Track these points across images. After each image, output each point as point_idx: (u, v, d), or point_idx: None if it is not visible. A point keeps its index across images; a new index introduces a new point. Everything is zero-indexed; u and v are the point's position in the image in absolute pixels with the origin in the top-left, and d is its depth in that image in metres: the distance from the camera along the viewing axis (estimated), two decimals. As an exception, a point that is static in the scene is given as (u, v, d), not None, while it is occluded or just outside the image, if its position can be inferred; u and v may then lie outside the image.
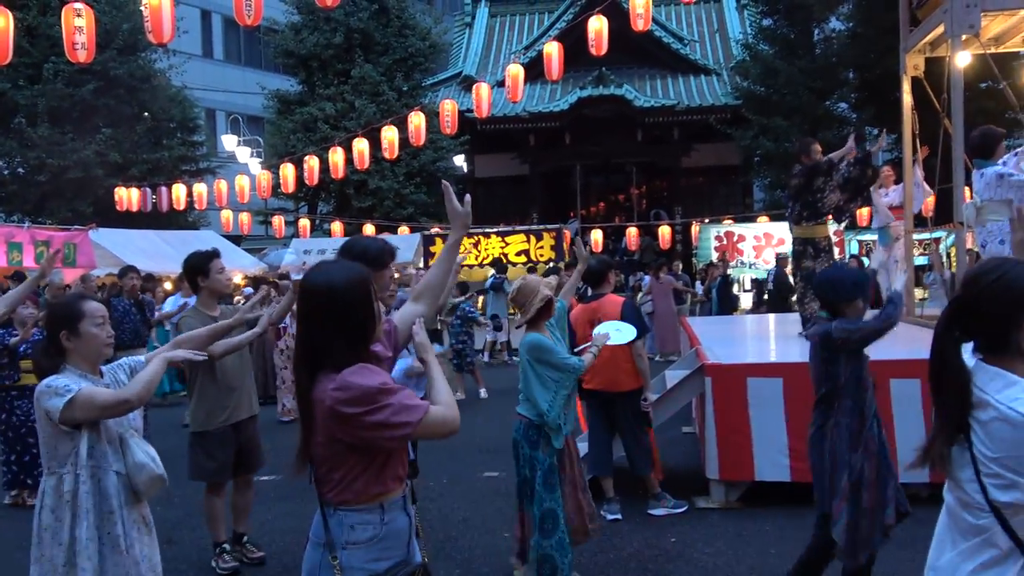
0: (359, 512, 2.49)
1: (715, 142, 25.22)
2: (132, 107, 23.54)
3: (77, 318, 3.42)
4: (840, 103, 23.66)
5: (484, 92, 14.36)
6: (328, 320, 2.45)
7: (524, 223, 23.76)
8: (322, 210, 26.70)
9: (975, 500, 2.13)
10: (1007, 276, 2.17)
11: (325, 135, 23.32)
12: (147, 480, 3.46)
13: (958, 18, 7.69)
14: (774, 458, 6.39)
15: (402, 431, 2.40)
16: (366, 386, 2.37)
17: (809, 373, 4.45)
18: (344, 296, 2.46)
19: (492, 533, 6.15)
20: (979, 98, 17.77)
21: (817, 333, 4.33)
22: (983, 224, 6.91)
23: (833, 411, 4.24)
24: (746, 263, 20.00)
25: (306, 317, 2.51)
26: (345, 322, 2.46)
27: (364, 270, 2.60)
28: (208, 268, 5.42)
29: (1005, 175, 6.77)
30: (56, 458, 3.34)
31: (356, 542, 2.48)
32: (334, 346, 2.44)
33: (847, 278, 4.35)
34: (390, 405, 2.37)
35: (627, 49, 23.90)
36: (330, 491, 2.50)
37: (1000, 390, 2.11)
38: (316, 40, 25.65)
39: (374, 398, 2.37)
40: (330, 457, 2.47)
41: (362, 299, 2.49)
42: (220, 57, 35.00)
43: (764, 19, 24.60)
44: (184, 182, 20.20)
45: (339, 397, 2.37)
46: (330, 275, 2.51)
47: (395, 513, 2.54)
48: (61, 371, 3.39)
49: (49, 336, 3.47)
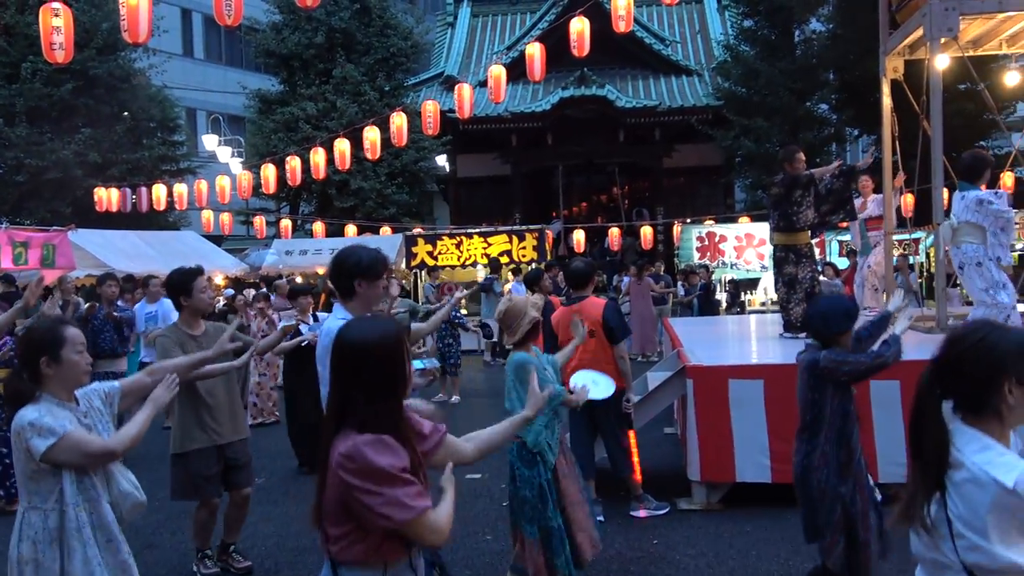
0: (362, 570, 2.48)
1: (697, 143, 25.30)
2: (112, 107, 23.40)
3: (58, 344, 3.34)
4: (821, 104, 23.78)
5: (466, 92, 14.34)
6: (357, 375, 2.45)
7: (506, 223, 23.74)
8: (304, 210, 26.60)
9: (950, 559, 2.14)
10: (988, 339, 2.19)
11: (307, 135, 23.25)
12: (131, 508, 3.45)
13: (937, 21, 7.74)
14: (755, 460, 6.42)
15: (384, 523, 2.37)
16: (372, 463, 2.36)
17: (796, 395, 4.44)
18: (375, 352, 2.46)
19: (474, 536, 6.14)
20: (958, 100, 17.92)
21: (806, 360, 4.31)
22: (958, 245, 6.99)
23: (819, 441, 4.21)
24: (727, 263, 20.06)
25: (336, 370, 2.50)
26: (373, 378, 2.45)
27: (398, 327, 2.60)
28: (191, 287, 5.27)
29: (985, 201, 6.85)
30: (38, 494, 3.27)
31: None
32: (360, 401, 2.44)
33: (838, 311, 4.31)
34: (383, 495, 2.35)
35: (609, 50, 23.93)
36: (334, 546, 2.48)
37: (976, 452, 2.13)
38: (297, 40, 25.55)
39: (375, 479, 2.36)
40: (334, 514, 2.46)
41: (393, 356, 2.48)
42: (201, 56, 34.82)
43: (745, 20, 24.70)
44: (164, 182, 20.10)
45: (343, 463, 2.37)
46: (364, 331, 2.51)
47: (400, 568, 2.53)
48: (38, 399, 3.31)
49: (27, 362, 3.37)
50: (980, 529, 2.07)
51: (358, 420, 2.42)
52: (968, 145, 19.93)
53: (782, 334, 8.54)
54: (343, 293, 3.97)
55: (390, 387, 2.48)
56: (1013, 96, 19.82)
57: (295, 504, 7.26)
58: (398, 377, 2.49)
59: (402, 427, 2.50)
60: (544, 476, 4.65)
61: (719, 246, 20.16)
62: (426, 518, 2.40)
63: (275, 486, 7.98)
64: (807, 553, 5.45)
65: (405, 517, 2.35)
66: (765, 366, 6.87)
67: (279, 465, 8.65)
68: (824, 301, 4.52)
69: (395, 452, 2.41)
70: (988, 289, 6.87)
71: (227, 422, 5.43)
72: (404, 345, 2.54)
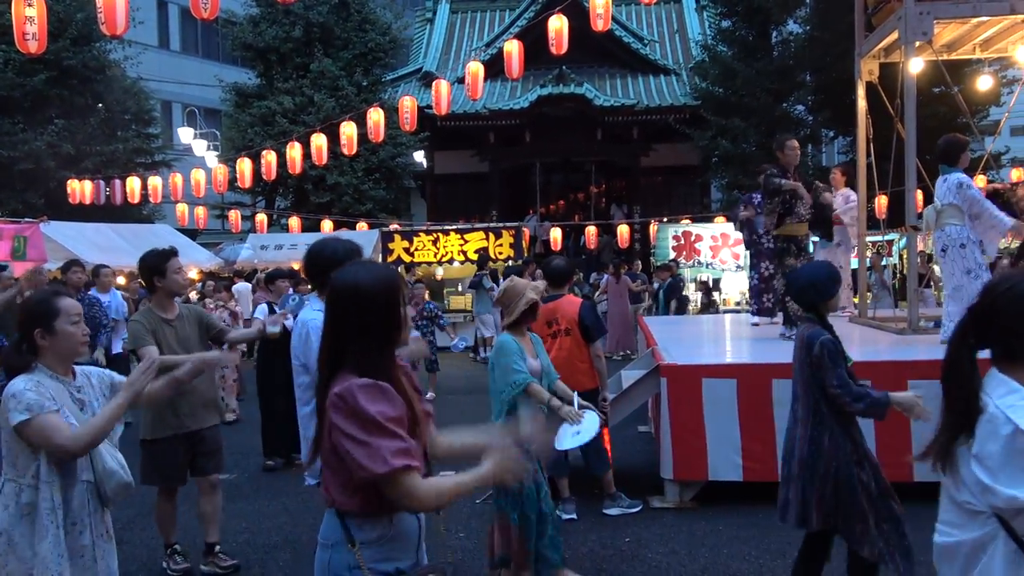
0: (368, 520, 2.43)
1: (674, 142, 25.37)
2: (86, 98, 23.15)
3: (52, 315, 3.30)
4: (797, 105, 23.91)
5: (444, 89, 14.32)
6: (352, 320, 2.40)
7: (484, 221, 23.74)
8: (280, 205, 26.44)
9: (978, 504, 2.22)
10: (1019, 287, 2.26)
11: (283, 129, 23.09)
12: (116, 487, 3.38)
13: (912, 25, 7.81)
14: (728, 458, 6.46)
15: (361, 473, 2.29)
16: (361, 407, 2.29)
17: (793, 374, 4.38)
18: (369, 296, 2.41)
19: (448, 531, 6.14)
20: (932, 103, 18.09)
21: (805, 337, 4.22)
22: (942, 227, 7.03)
23: (827, 425, 4.10)
24: (703, 263, 20.14)
25: (331, 315, 2.45)
26: (369, 323, 2.40)
27: (394, 272, 2.55)
28: (165, 268, 5.20)
29: (964, 184, 6.92)
30: (16, 467, 3.24)
31: (364, 541, 2.43)
32: (356, 346, 2.39)
33: (824, 276, 4.28)
34: (365, 443, 2.28)
35: (587, 48, 23.95)
36: (337, 496, 2.44)
37: (1001, 396, 2.21)
38: (275, 33, 25.39)
39: (360, 424, 2.29)
40: (333, 462, 2.41)
41: (388, 301, 2.43)
42: (177, 48, 34.50)
43: (723, 21, 24.78)
44: (139, 175, 19.90)
45: (335, 401, 2.33)
46: (357, 274, 2.46)
47: (402, 514, 2.47)
48: (32, 370, 3.28)
49: (23, 333, 3.34)
50: (991, 468, 2.15)
51: (353, 364, 2.37)
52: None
53: (783, 334, 8.36)
54: (318, 285, 3.97)
55: (385, 331, 2.43)
56: (986, 100, 20.02)
57: (266, 500, 7.23)
58: (393, 321, 2.44)
59: (397, 375, 2.43)
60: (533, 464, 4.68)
61: (695, 245, 20.22)
62: (405, 477, 2.30)
63: (245, 482, 7.94)
64: (778, 551, 5.49)
65: (380, 471, 2.26)
66: (738, 365, 6.92)
67: (250, 462, 8.60)
68: (805, 271, 4.48)
69: (390, 400, 2.34)
70: (971, 271, 6.90)
71: (200, 408, 5.36)
72: (400, 290, 2.49)
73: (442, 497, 2.39)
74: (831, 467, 4.07)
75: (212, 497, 5.55)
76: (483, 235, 18.65)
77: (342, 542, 2.43)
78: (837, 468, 4.06)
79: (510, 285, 4.92)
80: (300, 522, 6.59)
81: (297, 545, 6.03)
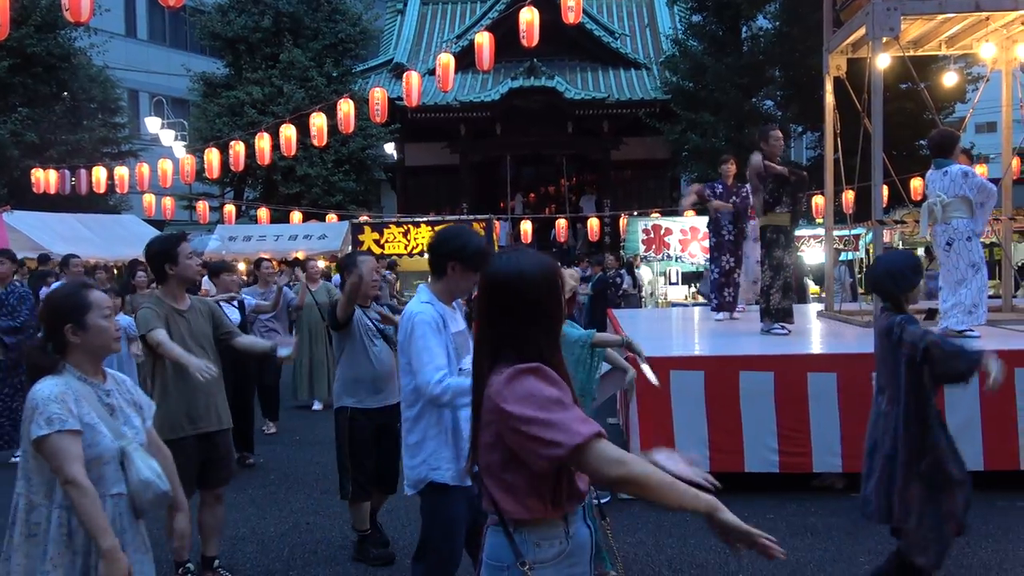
0: (542, 528, 2.27)
1: (644, 136, 25.48)
2: (50, 86, 22.88)
3: (84, 309, 3.02)
4: (766, 100, 24.09)
5: (415, 80, 14.25)
6: (514, 308, 2.30)
7: (454, 213, 23.69)
8: (248, 196, 26.24)
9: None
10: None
11: (252, 120, 22.92)
12: (152, 499, 3.08)
13: (879, 21, 7.88)
14: (696, 450, 6.49)
15: (550, 452, 2.11)
16: (533, 388, 2.17)
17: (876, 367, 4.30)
18: (532, 284, 2.30)
19: (417, 523, 6.12)
20: (899, 99, 18.26)
21: (883, 326, 4.10)
22: (947, 221, 7.08)
23: (910, 420, 4.01)
24: (672, 256, 20.22)
25: (490, 305, 2.34)
26: (532, 311, 2.30)
27: (552, 260, 2.43)
28: (176, 253, 4.75)
29: (969, 173, 7.00)
30: (33, 483, 2.95)
31: (544, 560, 2.25)
32: (518, 334, 2.28)
33: (902, 265, 4.14)
34: (547, 420, 2.13)
35: (558, 41, 23.98)
36: (511, 509, 2.26)
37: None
38: (244, 22, 25.17)
39: (537, 403, 2.15)
40: (498, 461, 2.26)
41: (550, 289, 2.33)
42: (144, 37, 34.10)
43: (693, 15, 24.89)
44: (105, 165, 19.66)
45: (500, 391, 2.20)
46: (519, 263, 2.35)
47: (578, 525, 2.34)
48: (61, 372, 2.99)
49: (50, 331, 3.04)
50: None
51: (514, 351, 2.26)
52: (908, 143, 20.40)
53: (764, 329, 8.29)
54: (435, 271, 3.73)
55: (546, 317, 2.32)
56: (951, 97, 20.27)
57: (233, 492, 7.17)
58: (554, 307, 2.34)
59: (559, 360, 2.32)
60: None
61: (664, 239, 20.30)
62: (600, 444, 2.12)
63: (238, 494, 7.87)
64: (744, 542, 5.54)
65: (576, 441, 2.08)
66: (706, 358, 6.96)
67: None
68: (886, 258, 4.29)
69: (557, 382, 2.22)
70: (975, 264, 6.98)
71: (212, 409, 4.88)
72: (560, 276, 2.39)
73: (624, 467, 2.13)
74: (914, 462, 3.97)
75: (215, 509, 5.05)
76: (454, 227, 18.59)
77: (515, 565, 2.24)
78: (908, 456, 3.97)
79: None
80: (267, 514, 6.56)
81: (264, 537, 6.00)
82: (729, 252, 9.85)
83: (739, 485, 6.54)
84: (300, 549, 5.74)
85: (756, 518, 5.97)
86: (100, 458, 2.97)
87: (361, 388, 5.30)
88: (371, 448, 5.35)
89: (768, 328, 8.18)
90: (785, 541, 5.45)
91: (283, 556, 5.61)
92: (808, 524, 5.86)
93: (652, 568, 5.21)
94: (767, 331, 8.17)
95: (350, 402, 5.32)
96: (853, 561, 5.18)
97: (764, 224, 8.36)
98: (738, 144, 20.73)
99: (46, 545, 2.90)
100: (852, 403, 6.29)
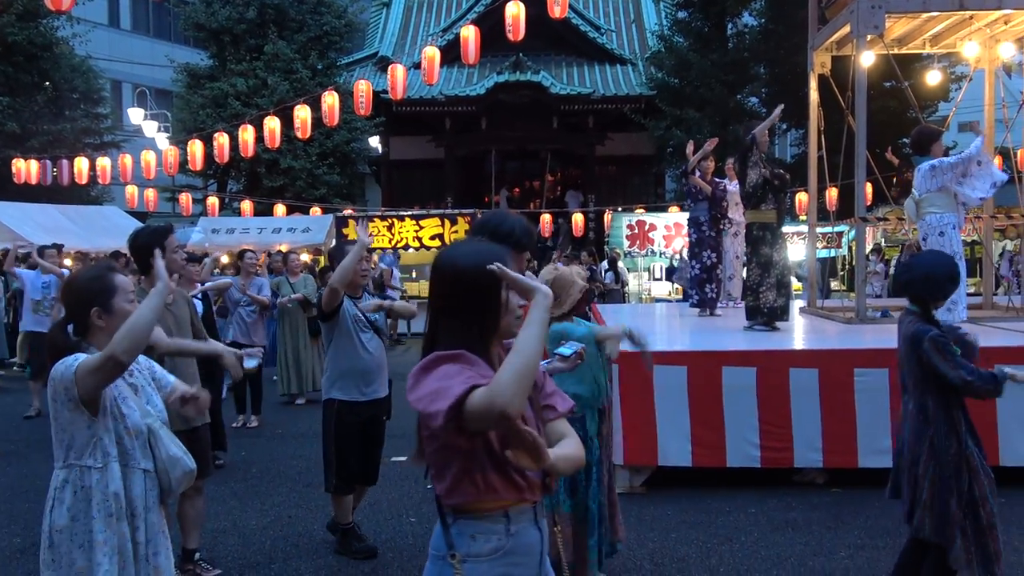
0: (479, 521, 2.19)
1: (629, 132, 25.49)
2: (32, 76, 22.71)
3: (110, 293, 3.04)
4: (751, 97, 24.15)
5: (400, 74, 14.23)
6: (448, 302, 2.24)
7: (439, 207, 23.67)
8: (232, 188, 26.12)
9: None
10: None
11: (236, 112, 22.81)
12: (181, 476, 3.12)
13: (863, 19, 7.92)
14: (678, 444, 6.52)
15: (434, 421, 2.02)
16: (442, 366, 2.10)
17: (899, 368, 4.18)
18: (465, 276, 2.21)
19: (398, 517, 6.13)
20: (882, 97, 18.38)
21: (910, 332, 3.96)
22: (922, 217, 7.14)
23: (930, 424, 3.91)
24: (656, 252, 20.27)
25: (431, 297, 2.29)
26: (465, 307, 2.22)
27: (498, 253, 2.28)
28: (163, 247, 4.62)
29: (936, 165, 7.05)
30: (74, 448, 2.95)
31: (478, 554, 2.18)
32: (449, 330, 2.22)
33: (944, 273, 3.98)
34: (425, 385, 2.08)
35: (544, 36, 23.95)
36: (444, 495, 2.21)
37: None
38: (228, 13, 25.04)
39: (417, 376, 2.11)
40: (432, 454, 2.21)
41: (486, 285, 2.20)
42: (127, 27, 33.84)
43: (679, 12, 24.94)
44: (87, 155, 19.50)
45: (417, 372, 2.14)
46: (456, 254, 2.28)
47: (524, 525, 2.24)
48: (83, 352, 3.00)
49: (73, 313, 3.06)
50: None
51: (445, 341, 2.20)
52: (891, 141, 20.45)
53: (747, 326, 8.27)
54: None
55: (479, 317, 2.22)
56: (935, 95, 20.39)
57: (214, 485, 7.14)
58: (489, 305, 2.22)
59: (491, 355, 2.22)
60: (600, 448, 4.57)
61: (648, 234, 20.35)
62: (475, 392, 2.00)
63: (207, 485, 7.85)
64: (725, 535, 5.57)
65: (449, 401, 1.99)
66: (688, 353, 6.98)
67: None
68: (927, 260, 4.14)
69: (471, 362, 2.12)
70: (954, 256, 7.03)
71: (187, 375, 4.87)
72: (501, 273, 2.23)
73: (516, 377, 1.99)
74: (931, 469, 3.90)
75: (195, 501, 5.02)
76: (438, 221, 18.59)
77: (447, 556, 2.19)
78: (939, 470, 3.89)
79: (558, 274, 4.66)
80: (248, 507, 6.54)
81: (245, 530, 5.98)
82: (710, 248, 9.86)
83: (721, 480, 6.57)
84: (282, 542, 5.72)
85: (738, 512, 6.01)
86: (131, 430, 3.02)
87: (350, 381, 5.29)
88: (357, 443, 5.34)
89: (751, 325, 8.20)
90: (766, 536, 5.52)
91: (264, 549, 5.60)
92: (789, 519, 5.89)
93: (633, 562, 5.21)
94: (750, 328, 8.20)
95: (338, 395, 5.30)
96: (834, 555, 5.21)
97: (751, 221, 8.35)
98: (723, 141, 20.78)
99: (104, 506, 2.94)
100: (833, 399, 6.33)
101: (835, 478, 6.53)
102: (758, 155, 8.10)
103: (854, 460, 6.36)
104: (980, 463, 3.91)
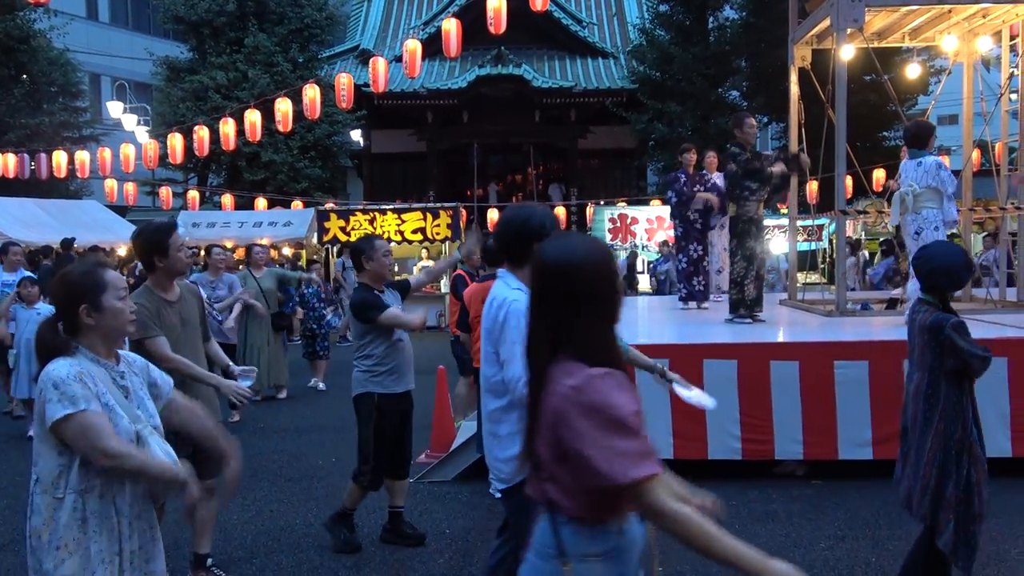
0: (593, 530, 2.13)
1: (611, 125, 25.54)
2: (9, 69, 22.56)
3: (100, 289, 2.89)
4: (732, 91, 24.22)
5: (381, 67, 14.17)
6: (568, 299, 2.14)
7: (421, 200, 23.62)
8: (212, 182, 25.99)
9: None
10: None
11: (216, 105, 22.67)
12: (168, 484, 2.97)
13: (843, 12, 7.94)
14: (659, 436, 6.53)
15: (596, 481, 1.99)
16: (607, 401, 2.02)
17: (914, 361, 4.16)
18: (587, 270, 2.15)
19: (381, 511, 6.11)
20: (862, 91, 18.44)
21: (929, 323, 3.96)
22: (918, 211, 7.16)
23: (936, 410, 3.95)
24: (639, 245, 20.31)
25: (542, 294, 2.20)
26: (587, 302, 2.15)
27: (604, 244, 2.28)
28: (167, 245, 4.53)
29: (943, 166, 7.10)
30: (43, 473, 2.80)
31: (594, 554, 2.11)
32: (577, 325, 2.13)
33: (962, 266, 4.02)
34: (609, 446, 1.99)
35: (526, 29, 23.96)
36: (571, 508, 2.12)
37: None
38: (208, 6, 24.88)
39: (604, 423, 2.01)
40: (553, 461, 2.12)
41: (606, 274, 2.18)
42: (106, 20, 33.57)
43: (661, 5, 24.97)
44: (66, 149, 19.37)
45: (570, 395, 2.04)
46: (569, 248, 2.21)
47: (631, 522, 2.19)
48: (74, 353, 2.84)
49: (63, 311, 2.91)
50: None
51: (575, 348, 2.11)
52: (871, 135, 20.63)
53: (730, 318, 8.25)
54: (516, 258, 3.38)
55: (602, 308, 2.17)
56: (914, 89, 20.49)
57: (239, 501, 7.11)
58: (613, 298, 2.19)
59: (618, 355, 2.19)
60: None
61: (631, 228, 20.38)
62: (649, 488, 1.98)
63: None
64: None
65: (622, 480, 1.95)
66: (671, 346, 6.99)
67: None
68: (942, 254, 4.11)
69: (630, 392, 2.07)
70: None
71: (208, 403, 4.58)
72: (616, 264, 2.25)
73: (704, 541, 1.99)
74: (936, 454, 3.93)
75: (207, 503, 4.78)
76: (420, 215, 18.54)
77: (557, 557, 2.13)
78: (942, 454, 3.92)
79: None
80: (230, 502, 6.50)
81: (227, 525, 5.95)
82: (697, 241, 9.86)
83: (702, 472, 6.59)
84: (263, 537, 5.70)
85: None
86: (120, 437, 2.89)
87: (388, 376, 5.29)
88: (396, 435, 5.37)
89: (733, 318, 8.22)
90: (747, 527, 5.54)
91: (246, 544, 5.58)
92: (770, 511, 5.92)
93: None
94: (731, 320, 8.21)
95: (377, 389, 5.27)
96: (813, 546, 5.24)
97: (735, 214, 8.36)
98: (704, 134, 20.84)
99: (58, 532, 2.77)
100: (813, 391, 6.37)
101: (815, 470, 6.57)
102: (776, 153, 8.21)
103: (834, 452, 6.41)
104: (980, 453, 3.96)
